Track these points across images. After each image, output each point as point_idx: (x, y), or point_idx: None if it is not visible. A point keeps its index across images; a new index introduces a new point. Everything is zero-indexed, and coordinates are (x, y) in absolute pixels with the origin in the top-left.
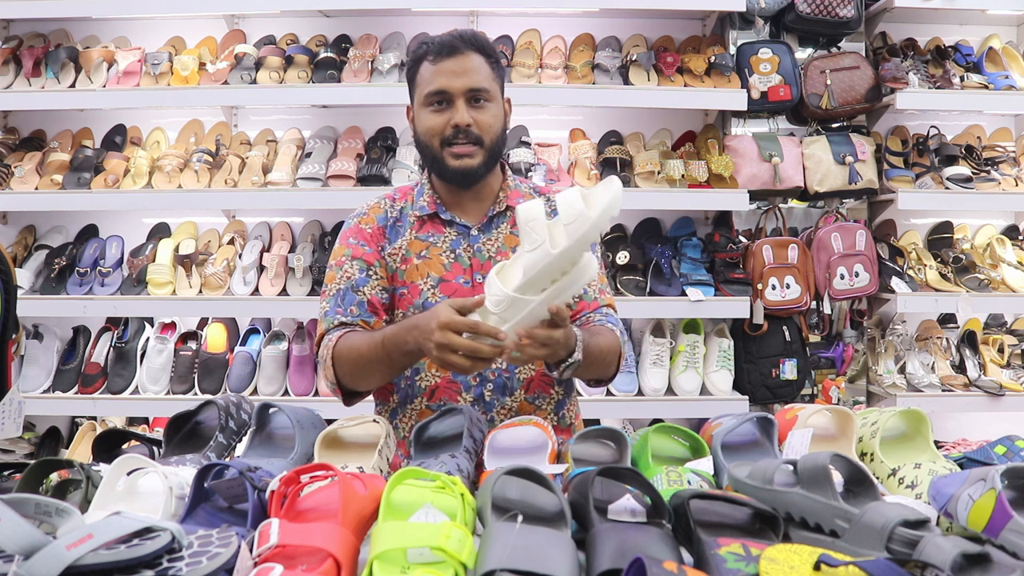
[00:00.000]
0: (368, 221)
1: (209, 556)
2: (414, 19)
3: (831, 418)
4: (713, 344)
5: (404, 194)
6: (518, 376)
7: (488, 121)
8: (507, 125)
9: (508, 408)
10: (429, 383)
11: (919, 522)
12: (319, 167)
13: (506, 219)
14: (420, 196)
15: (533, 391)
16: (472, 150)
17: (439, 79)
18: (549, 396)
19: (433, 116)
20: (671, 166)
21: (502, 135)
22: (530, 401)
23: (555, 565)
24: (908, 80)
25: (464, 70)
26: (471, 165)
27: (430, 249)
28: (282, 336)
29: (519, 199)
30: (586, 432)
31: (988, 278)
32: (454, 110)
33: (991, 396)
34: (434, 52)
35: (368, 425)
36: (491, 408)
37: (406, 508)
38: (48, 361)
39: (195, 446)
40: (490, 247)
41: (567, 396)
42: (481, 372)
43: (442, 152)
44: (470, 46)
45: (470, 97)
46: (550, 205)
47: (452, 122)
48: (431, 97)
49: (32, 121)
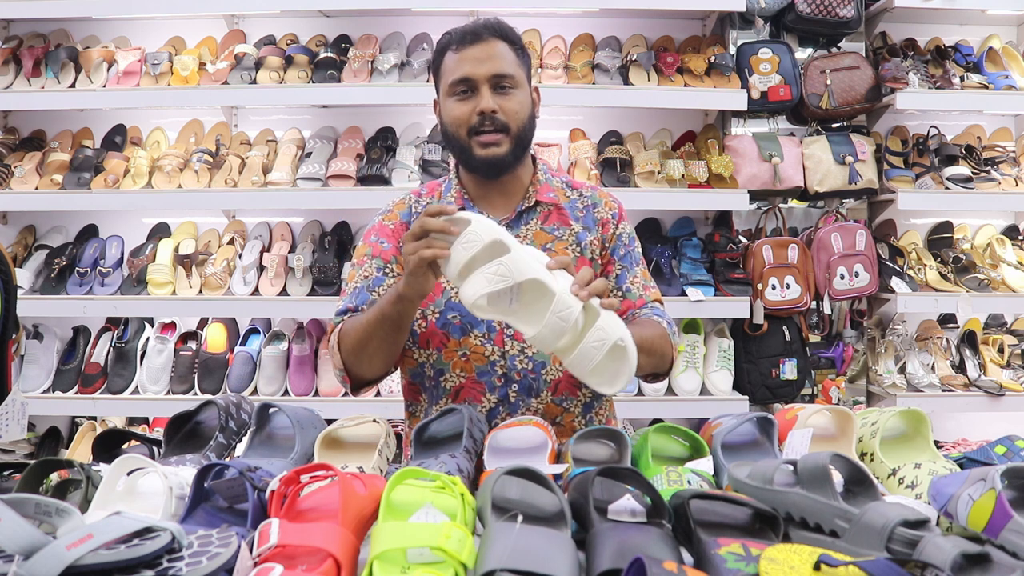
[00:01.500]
0: (392, 218)
1: (209, 556)
2: (414, 19)
3: (831, 418)
4: (713, 344)
5: (431, 190)
6: (544, 377)
7: (514, 108)
8: (536, 114)
9: (534, 410)
10: (454, 384)
11: (919, 522)
12: (319, 167)
13: (536, 214)
14: (448, 192)
15: (561, 392)
16: (499, 138)
17: (463, 67)
18: (576, 398)
19: (459, 105)
20: (671, 166)
21: (530, 123)
22: (557, 403)
23: (555, 565)
24: (908, 80)
25: (488, 56)
26: (498, 154)
27: None
28: (282, 336)
29: (550, 193)
30: (586, 432)
31: (988, 278)
32: (479, 97)
33: (991, 396)
34: (457, 41)
35: (368, 425)
36: (516, 410)
37: (406, 508)
38: (48, 361)
39: (195, 446)
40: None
41: (596, 398)
42: (506, 372)
43: (470, 142)
44: (493, 33)
45: (495, 83)
46: (583, 200)
47: (478, 109)
48: (456, 86)
49: (32, 121)
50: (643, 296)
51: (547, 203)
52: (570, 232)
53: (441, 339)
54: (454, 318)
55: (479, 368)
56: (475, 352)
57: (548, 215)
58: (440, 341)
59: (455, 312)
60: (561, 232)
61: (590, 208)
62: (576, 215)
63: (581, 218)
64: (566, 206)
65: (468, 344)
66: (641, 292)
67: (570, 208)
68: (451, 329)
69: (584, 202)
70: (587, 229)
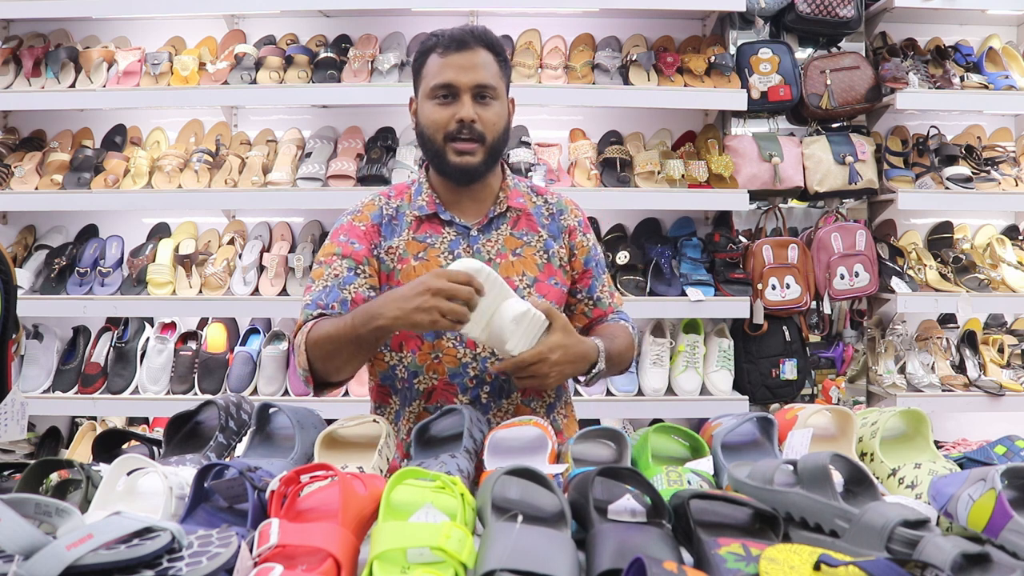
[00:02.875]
0: (362, 219)
1: (209, 556)
2: (414, 19)
3: (831, 418)
4: (713, 344)
5: (400, 192)
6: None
7: (492, 119)
8: (510, 124)
9: (504, 411)
10: (427, 385)
11: (919, 522)
12: (319, 167)
13: (506, 220)
14: (418, 195)
15: (529, 394)
16: (474, 147)
17: (447, 72)
18: (541, 399)
19: (438, 109)
20: (671, 166)
21: (504, 134)
22: (526, 404)
23: (555, 565)
24: (908, 80)
25: (472, 65)
26: (472, 163)
27: (428, 251)
28: (282, 336)
29: (519, 199)
30: (586, 432)
31: (988, 278)
32: (459, 104)
33: (991, 396)
34: (443, 45)
35: (368, 425)
36: (487, 410)
37: (406, 508)
38: (48, 361)
39: (195, 446)
40: (490, 248)
41: (557, 400)
42: (478, 374)
43: (444, 147)
44: (480, 42)
45: (476, 93)
46: (548, 207)
47: (457, 116)
48: (437, 90)
49: (32, 121)
50: (611, 304)
51: (516, 208)
52: (538, 238)
53: (416, 342)
54: None
55: (451, 370)
56: (447, 354)
57: (517, 220)
58: (415, 344)
59: None
60: (530, 238)
61: (556, 215)
62: (542, 221)
63: (547, 224)
64: (533, 212)
65: (441, 347)
66: (610, 300)
67: (536, 214)
68: (424, 332)
69: (549, 208)
70: (553, 236)
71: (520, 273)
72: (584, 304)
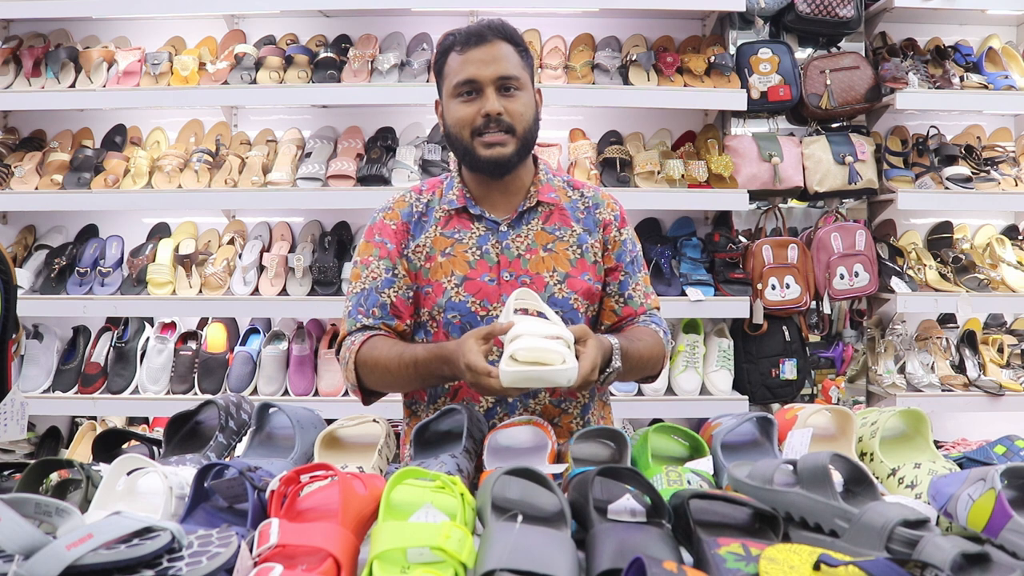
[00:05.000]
0: (392, 216)
1: (209, 556)
2: (414, 19)
3: (831, 418)
4: (713, 344)
5: (432, 187)
6: None
7: (519, 109)
8: (539, 116)
9: (532, 411)
10: (452, 383)
11: (919, 522)
12: (319, 167)
13: (537, 215)
14: (449, 190)
15: (558, 394)
16: (504, 138)
17: (468, 68)
18: (575, 399)
19: (463, 107)
20: (671, 166)
21: (534, 125)
22: (555, 404)
23: (555, 565)
24: (908, 80)
25: (493, 58)
26: (503, 154)
27: (455, 246)
28: (282, 336)
29: (551, 193)
30: (586, 432)
31: (988, 278)
32: (484, 99)
33: (991, 396)
34: (461, 42)
35: (368, 425)
36: (513, 410)
37: (406, 508)
38: (48, 361)
39: (195, 446)
40: (519, 244)
41: (592, 400)
42: None
43: (473, 142)
44: (498, 34)
45: (500, 85)
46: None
47: (483, 111)
48: (460, 87)
49: (32, 121)
50: (644, 304)
51: (548, 203)
52: (571, 233)
53: (446, 339)
54: (454, 318)
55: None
56: None
57: (549, 215)
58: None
59: (455, 312)
60: (562, 232)
61: (591, 209)
62: (577, 216)
63: (582, 219)
64: (567, 206)
65: None
66: (642, 300)
67: (571, 208)
68: (451, 329)
69: (585, 203)
70: (588, 231)
71: (551, 269)
72: (613, 300)
